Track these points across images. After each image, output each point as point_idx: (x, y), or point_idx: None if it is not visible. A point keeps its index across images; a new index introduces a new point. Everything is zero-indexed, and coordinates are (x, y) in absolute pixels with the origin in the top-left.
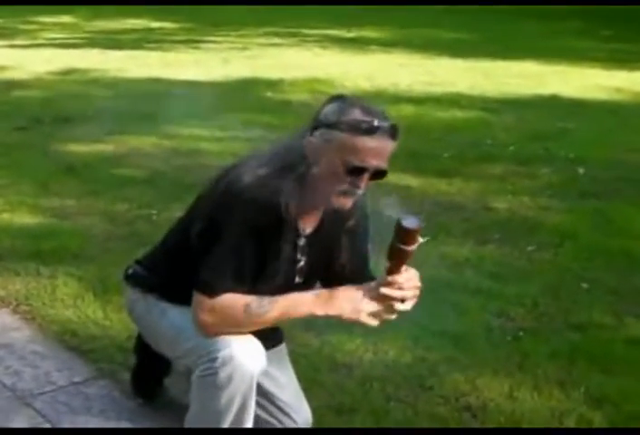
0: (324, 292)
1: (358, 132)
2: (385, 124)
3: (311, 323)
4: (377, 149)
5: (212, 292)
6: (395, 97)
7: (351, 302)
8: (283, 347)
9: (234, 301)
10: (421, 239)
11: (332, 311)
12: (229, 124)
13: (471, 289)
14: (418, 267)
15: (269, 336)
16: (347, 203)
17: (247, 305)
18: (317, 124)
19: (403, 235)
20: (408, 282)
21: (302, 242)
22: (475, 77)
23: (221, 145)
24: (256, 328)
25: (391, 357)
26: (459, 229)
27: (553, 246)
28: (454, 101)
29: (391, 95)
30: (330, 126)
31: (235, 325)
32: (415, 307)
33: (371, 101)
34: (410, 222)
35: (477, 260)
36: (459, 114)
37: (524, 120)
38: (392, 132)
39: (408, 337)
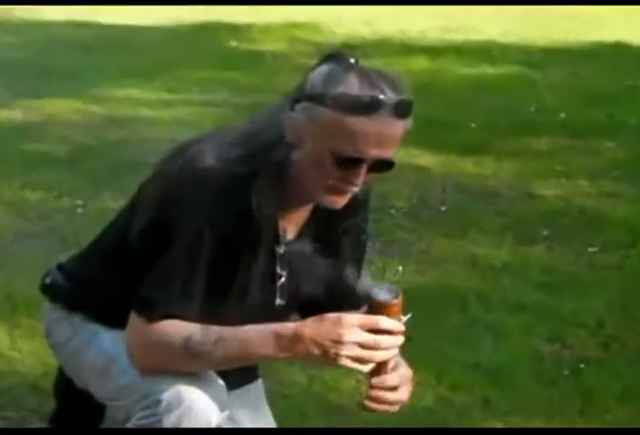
0: (289, 327)
1: (351, 111)
2: (392, 99)
3: None
4: (378, 135)
5: (151, 314)
6: (404, 47)
7: (326, 340)
8: (258, 384)
9: (174, 330)
10: (402, 317)
11: (301, 353)
12: (181, 84)
13: (512, 305)
14: (440, 275)
15: (239, 369)
16: (338, 201)
17: (188, 340)
18: (300, 95)
19: (379, 312)
20: (401, 381)
21: (282, 250)
22: (510, 20)
23: (170, 112)
24: (201, 370)
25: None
26: (493, 224)
27: (621, 247)
28: (482, 51)
29: (397, 45)
30: (315, 99)
31: (172, 364)
32: (439, 329)
33: (371, 54)
34: (384, 294)
35: (519, 266)
36: (489, 70)
37: (578, 76)
38: (402, 111)
39: (428, 370)
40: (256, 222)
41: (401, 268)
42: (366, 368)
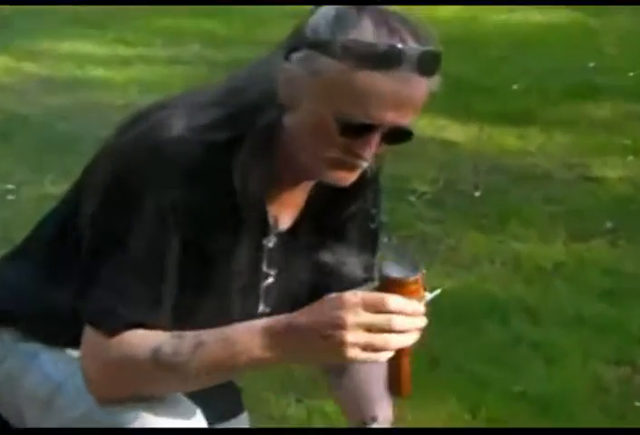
0: (281, 319)
1: (365, 63)
2: (415, 50)
3: (290, 378)
4: (396, 95)
5: (109, 326)
6: None
7: (326, 327)
8: (243, 418)
9: (140, 341)
10: (427, 294)
11: (299, 350)
12: (140, 35)
13: (567, 317)
14: (473, 280)
15: (219, 399)
16: (344, 178)
17: (158, 350)
18: (299, 42)
19: (390, 289)
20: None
21: (272, 243)
22: None
23: (126, 72)
24: (176, 389)
25: None
26: (541, 214)
27: None
28: None
29: None
30: (319, 47)
31: (140, 384)
32: (473, 347)
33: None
34: (399, 269)
35: (575, 266)
36: (537, 16)
37: None
38: (427, 66)
39: (461, 400)
40: (238, 206)
41: (439, 291)
42: (382, 357)
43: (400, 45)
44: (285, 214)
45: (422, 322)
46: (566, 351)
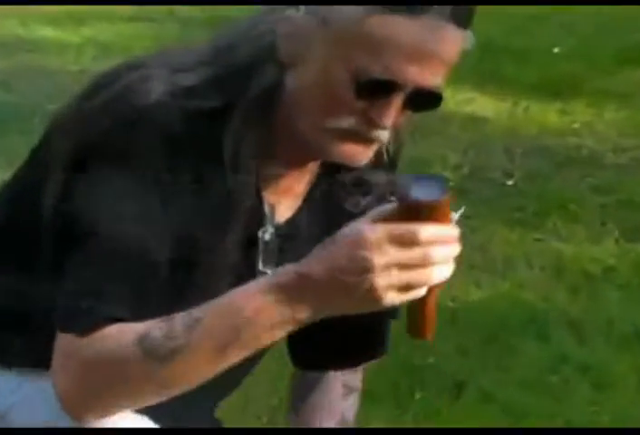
0: (288, 271)
1: (387, 6)
2: None
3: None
4: (424, 46)
5: (84, 324)
6: None
7: (348, 274)
8: None
9: (121, 332)
10: (454, 215)
11: (320, 303)
12: None
13: (622, 333)
14: (506, 287)
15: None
16: (358, 155)
17: (146, 337)
18: None
19: (416, 215)
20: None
21: (268, 236)
22: None
23: (79, 31)
24: (175, 390)
25: None
26: (589, 208)
27: None
28: None
29: None
30: None
31: (127, 387)
32: (507, 369)
33: None
34: (423, 189)
35: (629, 271)
36: None
37: None
38: (461, 13)
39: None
40: (229, 189)
41: (463, 209)
42: (423, 292)
43: None
44: (283, 203)
45: (458, 248)
46: (618, 374)
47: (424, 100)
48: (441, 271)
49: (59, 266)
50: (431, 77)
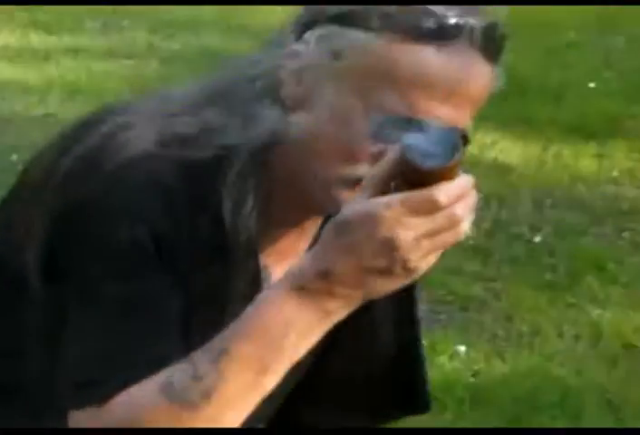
0: (304, 271)
1: (412, 34)
2: (479, 20)
3: None
4: (452, 79)
5: (98, 397)
6: None
7: (373, 259)
8: None
9: (140, 388)
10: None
11: (353, 297)
12: (63, 18)
13: None
14: (538, 363)
15: None
16: None
17: (166, 384)
18: (315, 18)
19: (429, 179)
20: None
21: None
22: None
23: (44, 69)
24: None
25: None
26: (630, 267)
27: None
28: None
29: None
30: (346, 19)
31: None
32: None
33: None
34: (429, 149)
35: None
36: None
37: None
38: (492, 42)
39: None
40: (227, 248)
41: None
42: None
43: (454, 18)
44: (280, 267)
45: (476, 195)
46: None
47: None
48: (467, 223)
49: (55, 338)
50: (458, 116)
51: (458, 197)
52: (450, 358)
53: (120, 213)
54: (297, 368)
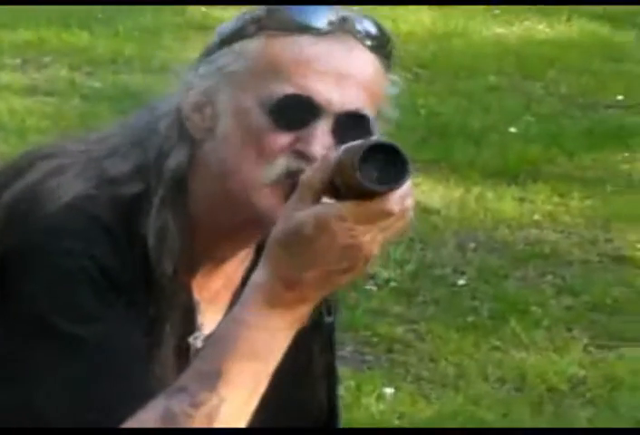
0: (270, 284)
1: (287, 27)
2: (351, 16)
3: None
4: (331, 61)
5: None
6: None
7: (341, 267)
8: None
9: (141, 423)
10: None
11: (320, 296)
12: None
13: None
14: (459, 405)
15: None
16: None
17: (166, 415)
18: (205, 50)
19: (376, 195)
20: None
21: (200, 343)
22: None
23: None
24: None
25: None
26: (553, 310)
27: None
28: None
29: None
30: (230, 38)
31: None
32: None
33: None
34: (379, 171)
35: (601, 386)
36: (542, 30)
37: None
38: (366, 30)
39: None
40: (157, 286)
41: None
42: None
43: (327, 14)
44: (211, 302)
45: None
46: None
47: (349, 123)
48: (412, 209)
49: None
50: (347, 98)
51: (404, 197)
52: (376, 399)
53: (67, 252)
54: None
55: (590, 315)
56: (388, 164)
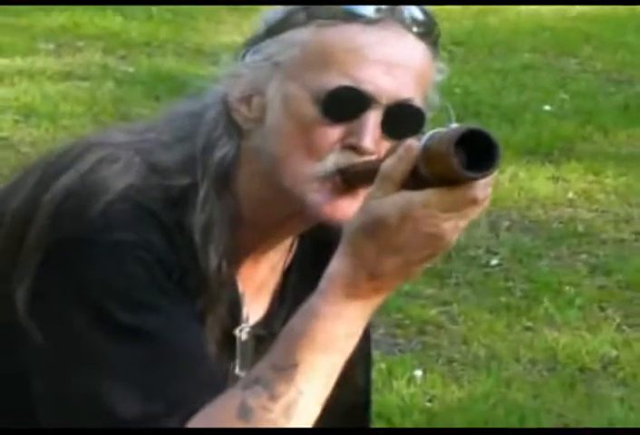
0: (356, 278)
1: (338, 17)
2: (400, 7)
3: None
4: (382, 49)
5: (178, 423)
6: None
7: (424, 255)
8: None
9: (217, 419)
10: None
11: (398, 285)
12: (14, 39)
13: None
14: (490, 387)
15: None
16: (347, 209)
17: (243, 404)
18: (249, 41)
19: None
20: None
21: (245, 336)
22: None
23: (3, 92)
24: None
25: None
26: (586, 289)
27: None
28: None
29: None
30: (277, 28)
31: None
32: None
33: None
34: (472, 155)
35: (634, 365)
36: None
37: None
38: (418, 21)
39: None
40: (204, 282)
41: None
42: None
43: (374, 6)
44: (257, 296)
45: None
46: None
47: (401, 116)
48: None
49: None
50: (398, 86)
51: (487, 184)
52: (407, 382)
53: (123, 245)
54: None
55: (624, 294)
56: (479, 151)
